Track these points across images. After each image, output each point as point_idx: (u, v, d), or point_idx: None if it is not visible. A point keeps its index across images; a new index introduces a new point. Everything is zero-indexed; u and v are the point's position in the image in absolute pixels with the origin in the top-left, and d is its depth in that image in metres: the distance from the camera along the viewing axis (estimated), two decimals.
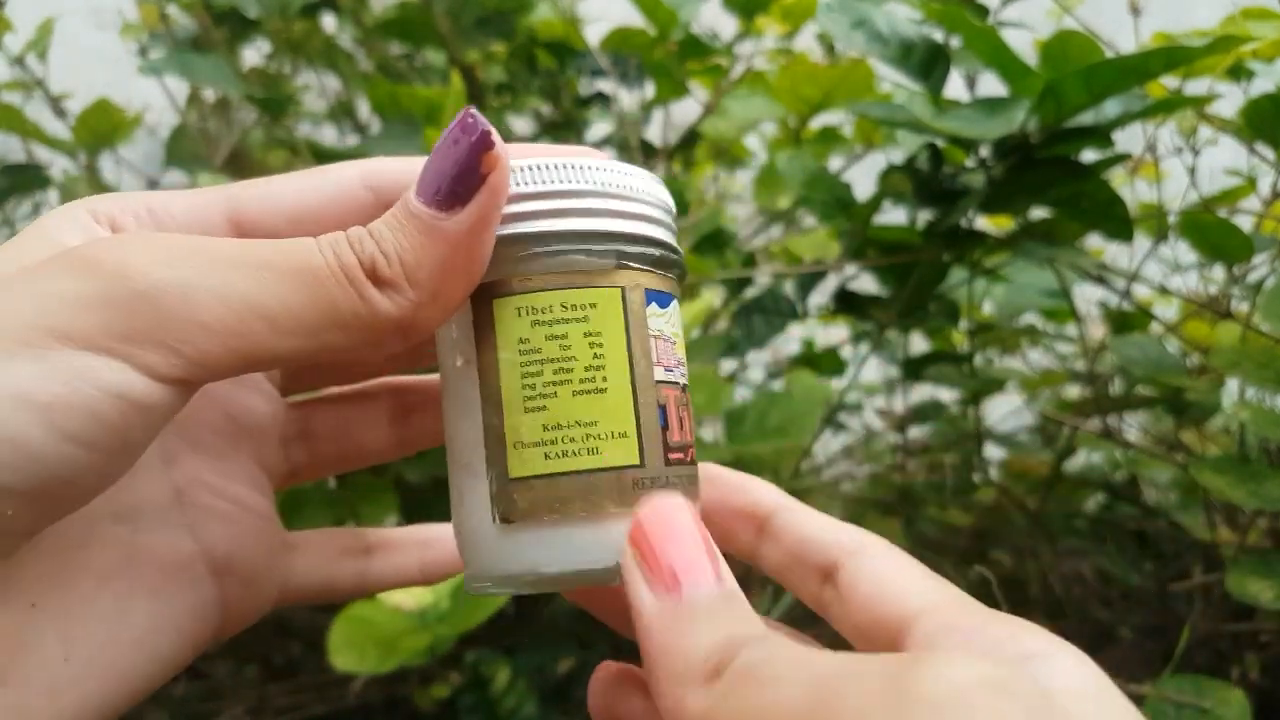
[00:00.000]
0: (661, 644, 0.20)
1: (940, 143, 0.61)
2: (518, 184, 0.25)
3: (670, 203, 0.27)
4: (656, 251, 0.26)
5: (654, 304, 0.25)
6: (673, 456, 0.25)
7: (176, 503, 0.27)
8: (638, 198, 0.26)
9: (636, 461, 0.24)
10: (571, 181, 0.25)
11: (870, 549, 0.25)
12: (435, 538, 0.32)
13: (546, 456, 0.24)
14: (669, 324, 0.26)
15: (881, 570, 0.24)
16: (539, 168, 0.25)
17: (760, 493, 0.28)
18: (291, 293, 0.21)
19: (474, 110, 0.23)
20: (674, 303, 0.26)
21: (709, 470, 0.28)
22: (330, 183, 0.26)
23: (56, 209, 0.24)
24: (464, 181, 0.22)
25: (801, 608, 0.27)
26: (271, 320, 0.21)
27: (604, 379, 0.24)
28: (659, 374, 0.25)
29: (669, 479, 0.25)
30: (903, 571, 0.24)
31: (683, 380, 0.26)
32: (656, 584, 0.21)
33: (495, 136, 0.23)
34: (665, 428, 0.25)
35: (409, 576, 0.31)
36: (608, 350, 0.24)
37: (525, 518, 0.24)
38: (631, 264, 0.25)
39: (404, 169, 0.26)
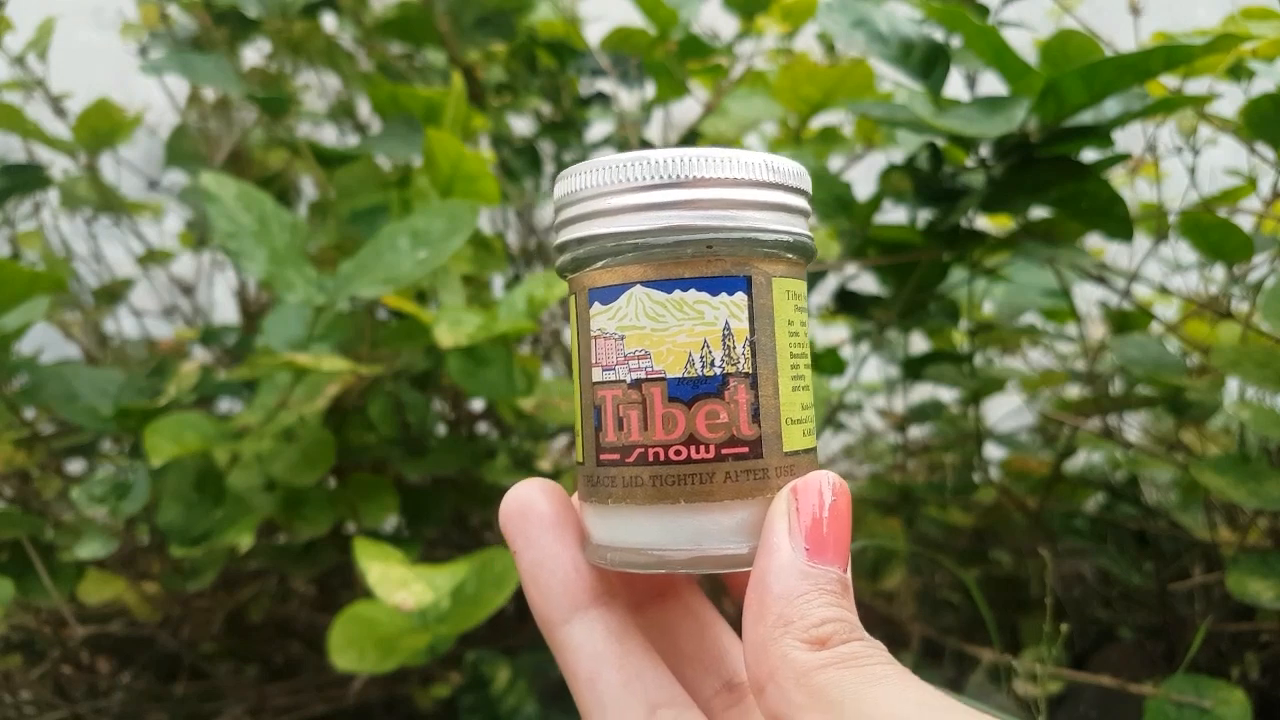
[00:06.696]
0: (784, 590, 0.22)
1: (940, 142, 0.61)
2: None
3: (652, 169, 0.24)
4: (588, 248, 0.25)
5: (596, 303, 0.25)
6: (604, 458, 0.25)
7: None
8: (588, 195, 0.25)
9: (581, 460, 0.26)
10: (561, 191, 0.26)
11: None
12: None
13: None
14: (614, 319, 0.25)
15: None
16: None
17: None
18: None
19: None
20: (627, 292, 0.25)
21: None
22: None
23: None
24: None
25: None
26: None
27: (573, 382, 0.26)
28: (596, 375, 0.25)
29: (600, 479, 0.25)
30: None
31: (630, 377, 0.25)
32: (802, 539, 0.23)
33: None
34: (599, 429, 0.25)
35: None
36: (574, 355, 0.26)
37: None
38: (583, 267, 0.26)
39: None
